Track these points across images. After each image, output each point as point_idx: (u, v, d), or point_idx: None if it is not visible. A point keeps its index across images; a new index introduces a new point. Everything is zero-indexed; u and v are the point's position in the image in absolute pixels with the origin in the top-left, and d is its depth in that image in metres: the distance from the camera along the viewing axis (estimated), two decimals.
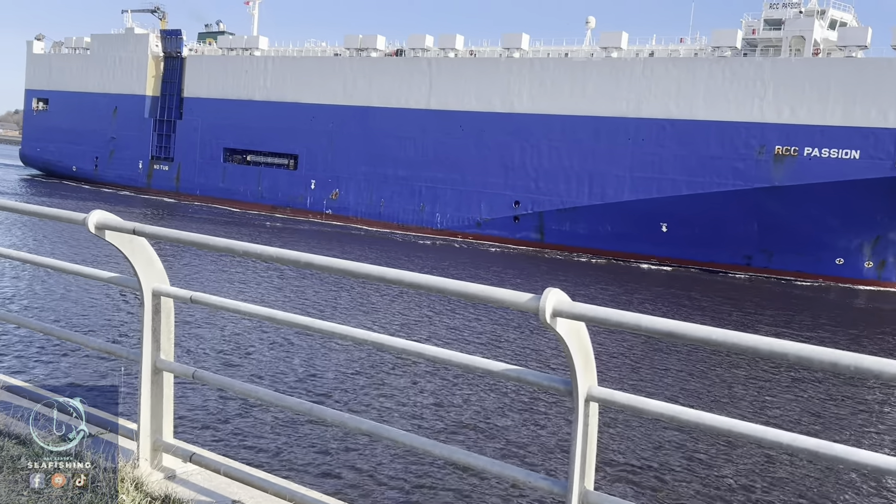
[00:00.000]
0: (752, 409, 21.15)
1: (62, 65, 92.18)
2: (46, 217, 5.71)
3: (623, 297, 41.50)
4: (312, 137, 72.62)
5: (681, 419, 3.49)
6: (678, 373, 24.49)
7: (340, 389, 19.39)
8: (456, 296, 3.81)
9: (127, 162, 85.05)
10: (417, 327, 28.03)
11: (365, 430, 4.66)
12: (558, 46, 63.79)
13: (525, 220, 61.17)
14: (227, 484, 4.99)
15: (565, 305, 3.42)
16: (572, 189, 58.95)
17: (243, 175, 76.93)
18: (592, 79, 57.97)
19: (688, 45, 58.56)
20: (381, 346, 4.38)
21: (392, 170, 67.92)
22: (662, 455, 16.57)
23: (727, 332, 3.18)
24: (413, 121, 66.52)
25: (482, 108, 62.95)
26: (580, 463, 3.76)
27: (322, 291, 33.81)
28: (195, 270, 36.80)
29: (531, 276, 46.42)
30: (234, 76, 77.68)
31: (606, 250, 58.06)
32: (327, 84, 71.55)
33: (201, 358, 21.17)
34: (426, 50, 67.17)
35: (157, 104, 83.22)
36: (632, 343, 27.11)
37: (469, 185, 63.65)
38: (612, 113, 57.16)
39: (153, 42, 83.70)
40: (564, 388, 3.77)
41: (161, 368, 5.19)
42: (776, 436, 3.22)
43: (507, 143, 61.65)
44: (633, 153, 56.36)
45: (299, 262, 4.29)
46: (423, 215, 66.34)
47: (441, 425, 17.42)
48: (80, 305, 26.43)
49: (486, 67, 63.04)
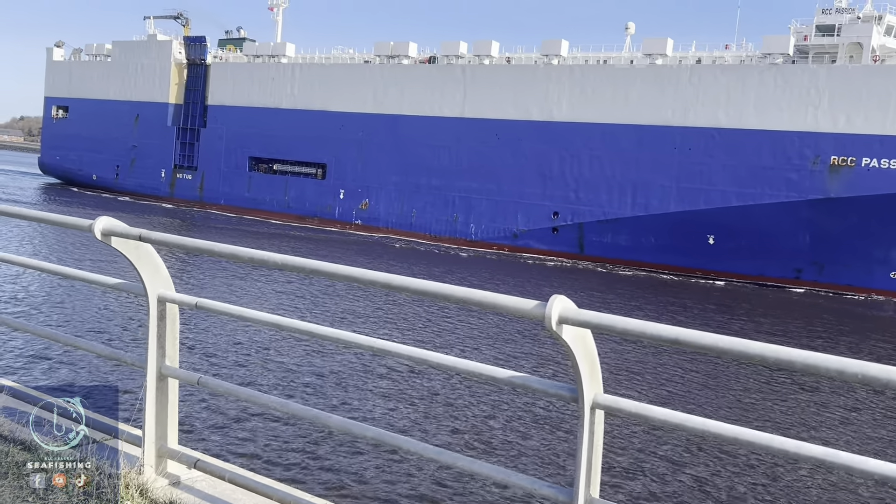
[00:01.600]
0: (758, 416, 20.99)
1: (83, 72, 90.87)
2: (53, 223, 5.72)
3: (670, 311, 39.79)
4: (341, 146, 71.02)
5: (687, 427, 3.46)
6: (684, 380, 24.26)
7: (345, 396, 19.38)
8: (462, 303, 3.77)
9: (149, 171, 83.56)
10: (423, 334, 27.77)
11: (370, 437, 4.59)
12: (597, 53, 62.11)
13: (564, 232, 59.37)
14: (231, 490, 4.97)
15: (571, 312, 3.39)
16: (614, 200, 57.15)
17: (269, 184, 75.33)
18: (636, 86, 56.23)
19: (734, 52, 56.78)
20: (387, 353, 4.33)
21: (424, 179, 66.24)
22: (668, 462, 16.48)
23: (734, 339, 3.13)
24: (446, 129, 64.86)
25: (519, 116, 61.25)
26: (586, 470, 3.73)
27: (327, 298, 33.56)
28: (212, 277, 36.05)
29: (572, 289, 44.59)
30: (260, 84, 76.19)
31: (649, 263, 56.22)
32: (357, 92, 69.97)
33: (206, 364, 21.04)
34: (460, 57, 65.56)
35: (180, 112, 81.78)
36: (638, 350, 26.91)
37: (505, 195, 61.90)
38: (657, 121, 55.39)
39: (176, 49, 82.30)
40: (570, 396, 3.75)
41: (166, 375, 5.18)
42: (782, 443, 3.18)
43: (546, 152, 59.91)
44: (680, 163, 54.56)
45: (305, 269, 4.25)
46: (457, 226, 64.61)
47: (446, 432, 17.38)
48: (86, 311, 26.34)
49: (524, 75, 61.37)
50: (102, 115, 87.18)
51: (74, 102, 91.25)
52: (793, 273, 52.78)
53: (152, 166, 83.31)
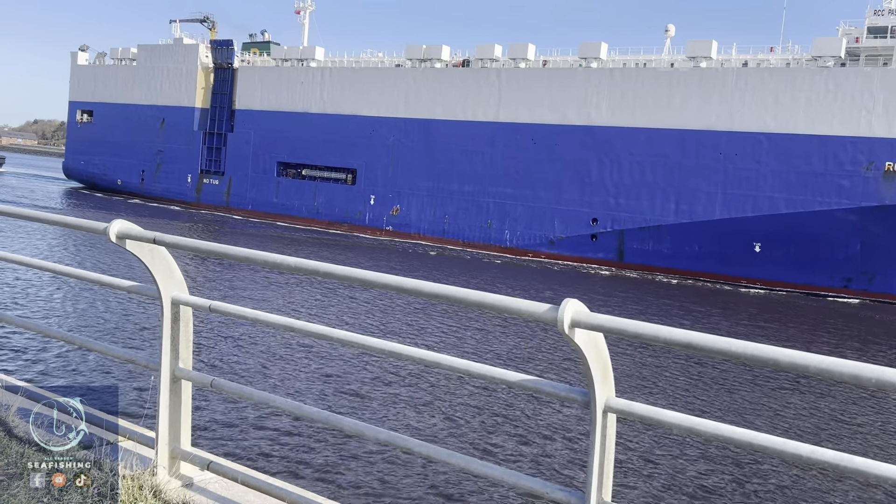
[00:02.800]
0: (773, 420, 20.82)
1: (108, 76, 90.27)
2: (69, 226, 5.72)
3: (713, 321, 38.46)
4: (372, 151, 69.91)
5: (699, 431, 3.41)
6: (697, 384, 24.10)
7: (357, 398, 19.33)
8: (475, 306, 3.73)
9: (175, 175, 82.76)
10: (435, 338, 27.67)
11: (382, 439, 4.55)
12: (636, 56, 60.69)
13: (603, 239, 57.94)
14: (244, 492, 4.97)
15: (583, 316, 3.37)
16: (656, 206, 55.68)
17: (298, 190, 74.30)
18: (679, 90, 54.78)
19: (779, 55, 55.22)
20: (400, 356, 4.35)
21: (457, 185, 64.99)
22: (680, 466, 16.37)
23: (746, 343, 3.10)
24: (480, 134, 63.60)
25: (556, 120, 59.91)
26: (598, 474, 3.70)
27: (339, 301, 33.61)
28: (227, 281, 35.87)
29: (613, 297, 43.17)
30: (288, 88, 75.22)
31: (692, 271, 54.70)
32: (388, 96, 68.85)
33: (220, 365, 21.07)
34: (494, 60, 64.29)
35: (206, 116, 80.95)
36: (651, 354, 26.79)
37: (541, 200, 60.55)
38: (702, 126, 53.92)
39: (203, 53, 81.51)
40: (582, 399, 3.72)
41: (179, 377, 5.18)
42: (796, 448, 3.13)
43: (584, 157, 58.53)
44: (726, 168, 53.05)
45: (319, 272, 4.23)
46: (491, 232, 63.29)
47: (458, 435, 17.37)
48: (101, 313, 26.48)
49: (561, 78, 60.03)
50: (128, 120, 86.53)
51: (99, 107, 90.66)
52: (841, 282, 51.14)
53: (178, 171, 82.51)
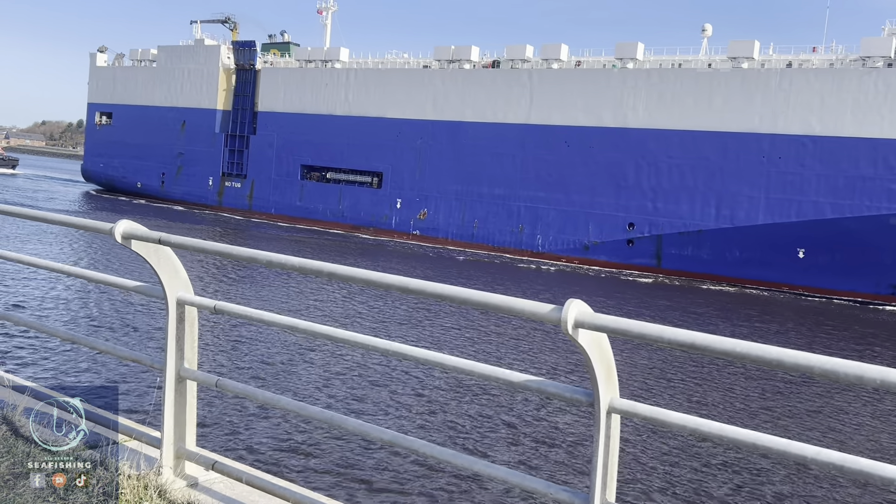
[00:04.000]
0: (777, 421, 20.82)
1: (127, 78, 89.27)
2: (75, 227, 5.73)
3: (756, 328, 37.02)
4: (398, 154, 68.64)
5: (703, 432, 3.42)
6: (701, 385, 24.08)
7: (362, 398, 19.47)
8: (478, 307, 3.74)
9: (196, 178, 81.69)
10: (440, 338, 27.75)
11: (386, 439, 4.57)
12: (672, 56, 59.21)
13: (640, 244, 56.49)
14: (248, 492, 4.96)
15: (587, 316, 3.39)
16: (696, 210, 54.21)
17: (323, 193, 73.09)
18: (720, 91, 53.30)
19: (823, 55, 53.65)
20: (403, 356, 4.33)
21: (487, 188, 63.65)
22: (684, 468, 16.43)
23: (751, 344, 3.09)
24: (511, 136, 62.25)
25: (590, 122, 58.51)
26: (602, 475, 3.70)
27: (345, 302, 33.64)
28: (232, 281, 34.69)
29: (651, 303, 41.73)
30: (312, 89, 74.03)
31: (732, 277, 53.22)
32: (415, 98, 67.58)
33: (225, 364, 21.20)
34: (526, 61, 62.91)
35: (228, 118, 79.85)
36: (655, 355, 26.90)
37: (575, 205, 59.15)
38: (744, 128, 52.44)
39: (225, 54, 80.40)
40: (586, 400, 3.73)
41: (184, 377, 5.17)
42: (801, 449, 3.13)
43: (620, 160, 57.10)
44: (769, 172, 51.55)
45: (322, 272, 4.24)
46: (522, 237, 61.93)
47: (462, 436, 17.41)
48: (106, 313, 26.63)
49: (596, 79, 58.62)
50: (148, 122, 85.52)
51: (119, 108, 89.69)
52: (889, 290, 49.57)
53: (199, 174, 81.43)
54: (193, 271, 38.87)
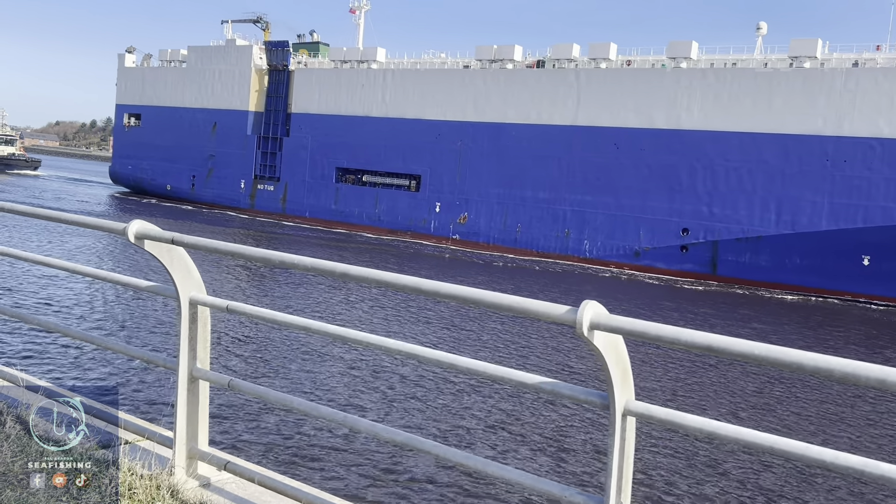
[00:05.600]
0: (796, 425, 20.57)
1: (156, 79, 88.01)
2: (89, 226, 5.71)
3: (820, 338, 35.31)
4: (437, 156, 66.97)
5: (720, 435, 3.33)
6: (718, 388, 23.80)
7: (375, 399, 19.39)
8: (493, 308, 3.69)
9: (227, 181, 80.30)
10: (453, 339, 27.52)
11: (399, 441, 4.52)
12: (724, 56, 57.24)
13: (695, 251, 54.57)
14: (261, 493, 4.93)
15: (603, 318, 3.33)
16: (755, 216, 52.24)
17: (359, 197, 71.52)
18: (780, 91, 51.30)
19: (886, 54, 51.55)
20: (416, 358, 4.28)
21: (531, 192, 61.87)
22: (700, 471, 16.26)
23: (770, 346, 3.01)
24: (556, 138, 60.44)
25: (641, 124, 56.63)
26: (617, 478, 3.62)
27: (358, 303, 33.67)
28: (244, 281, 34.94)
29: (714, 312, 39.85)
30: (348, 90, 72.46)
31: (792, 285, 51.21)
32: (455, 99, 65.87)
33: (238, 365, 21.20)
34: (572, 60, 61.08)
35: (261, 120, 78.41)
36: (671, 357, 26.60)
37: (625, 209, 57.27)
38: (806, 130, 50.42)
39: (257, 54, 78.95)
40: (601, 402, 3.67)
41: (197, 377, 5.15)
42: (819, 453, 3.06)
43: (673, 163, 55.19)
44: (833, 176, 49.54)
45: (335, 273, 4.21)
46: (568, 242, 60.12)
47: (475, 437, 17.34)
48: (122, 313, 26.80)
49: (648, 79, 56.71)
50: (177, 123, 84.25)
51: (147, 110, 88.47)
52: None
53: (231, 176, 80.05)
54: (220, 273, 38.88)
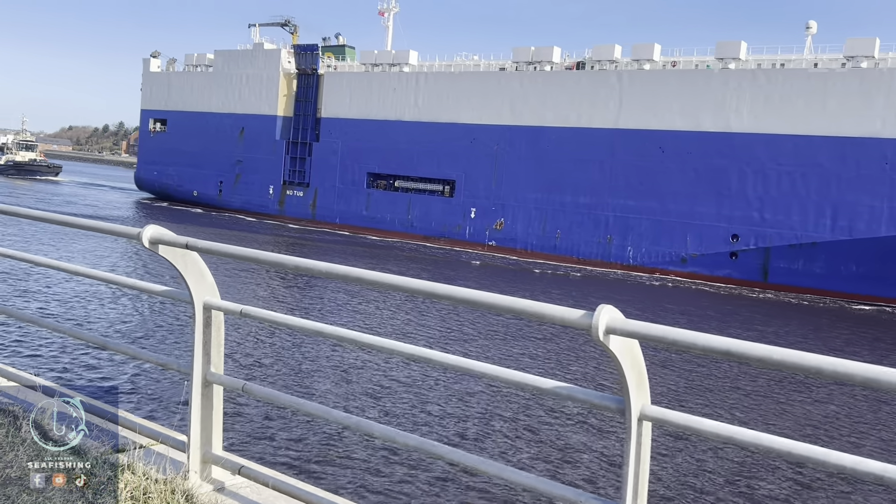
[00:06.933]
0: (815, 430, 20.33)
1: (182, 83, 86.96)
2: (104, 232, 5.72)
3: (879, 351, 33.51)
4: (472, 161, 65.44)
5: (738, 440, 3.29)
6: (736, 393, 23.52)
7: (389, 403, 19.31)
8: (508, 312, 3.68)
9: (255, 187, 79.09)
10: (467, 344, 27.51)
11: (412, 445, 4.45)
12: (772, 56, 55.43)
13: (745, 257, 52.76)
14: (275, 497, 4.92)
15: (619, 323, 3.30)
16: (808, 221, 50.40)
17: (391, 202, 70.10)
18: (835, 92, 49.47)
19: None
20: (430, 362, 4.26)
21: (570, 197, 60.22)
22: (717, 476, 16.11)
23: (789, 351, 2.97)
24: (598, 142, 58.77)
25: (688, 126, 54.89)
26: (633, 483, 3.58)
27: (372, 305, 33.66)
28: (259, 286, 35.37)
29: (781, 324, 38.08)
30: (379, 94, 71.08)
31: (848, 293, 49.30)
32: (491, 102, 64.34)
33: (251, 368, 21.29)
34: (614, 62, 59.42)
35: (289, 125, 77.19)
36: (687, 362, 26.43)
37: (671, 214, 55.53)
38: (864, 133, 48.57)
39: (285, 58, 77.73)
40: (616, 407, 3.62)
41: (211, 381, 5.13)
42: (839, 458, 3.01)
43: (722, 167, 53.43)
44: (893, 180, 47.65)
45: (349, 277, 4.21)
46: (611, 249, 58.42)
47: (490, 442, 17.27)
48: (136, 318, 27.05)
49: (694, 80, 54.98)
50: (204, 129, 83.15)
51: (173, 115, 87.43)
52: None
53: (259, 182, 78.84)
54: (251, 279, 38.47)
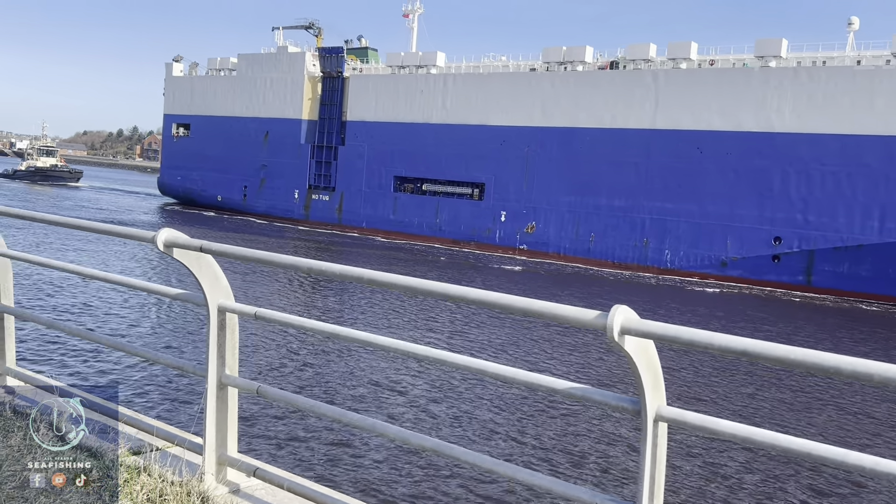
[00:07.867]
0: (834, 431, 20.10)
1: (206, 88, 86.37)
2: (118, 235, 5.75)
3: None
4: (502, 164, 64.30)
5: (755, 441, 3.26)
6: (753, 394, 23.34)
7: (403, 405, 19.34)
8: (522, 313, 3.67)
9: (280, 191, 78.32)
10: (483, 345, 27.55)
11: (429, 447, 4.46)
12: (813, 53, 53.96)
13: (788, 260, 51.31)
14: (290, 499, 4.92)
15: (634, 323, 3.29)
16: (855, 223, 48.91)
17: (418, 206, 69.08)
18: (883, 90, 47.96)
19: None
20: (445, 363, 4.25)
21: (605, 199, 58.95)
22: (735, 478, 15.96)
23: (807, 351, 2.94)
24: (633, 143, 57.47)
25: (727, 126, 53.50)
26: (649, 485, 3.56)
27: (386, 308, 33.71)
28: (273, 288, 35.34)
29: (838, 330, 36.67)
30: (406, 97, 70.09)
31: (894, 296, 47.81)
32: (522, 103, 63.19)
33: (266, 371, 21.34)
34: (649, 61, 58.12)
35: (314, 129, 76.34)
36: (703, 363, 26.27)
37: (710, 217, 54.15)
38: None
39: (310, 61, 76.93)
40: (632, 408, 3.60)
41: (226, 384, 5.15)
42: (858, 459, 2.97)
43: (764, 168, 52.00)
44: None
45: (362, 279, 4.21)
46: (648, 252, 57.09)
47: (505, 444, 17.17)
48: (152, 321, 27.29)
49: (733, 79, 53.57)
50: (228, 133, 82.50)
51: (197, 119, 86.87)
52: None
53: (284, 187, 78.06)
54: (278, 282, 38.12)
